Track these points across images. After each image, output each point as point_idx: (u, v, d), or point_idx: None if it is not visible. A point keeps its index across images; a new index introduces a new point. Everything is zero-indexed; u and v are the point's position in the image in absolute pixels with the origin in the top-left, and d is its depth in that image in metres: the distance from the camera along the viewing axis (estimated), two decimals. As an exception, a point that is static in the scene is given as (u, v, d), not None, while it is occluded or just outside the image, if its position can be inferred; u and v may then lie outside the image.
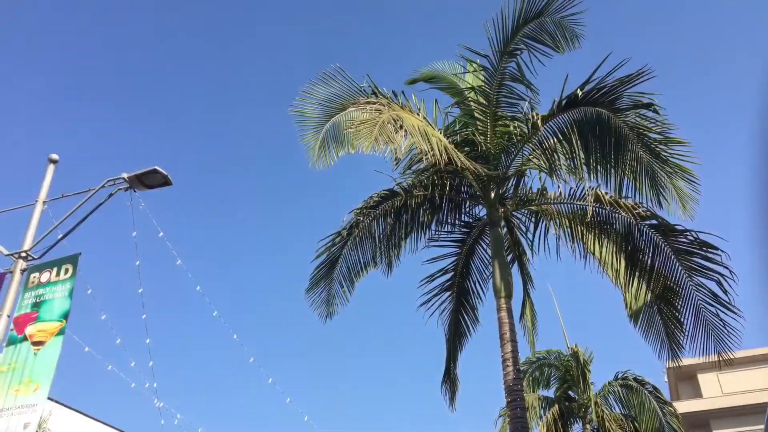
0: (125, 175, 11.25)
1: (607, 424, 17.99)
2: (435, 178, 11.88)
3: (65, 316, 11.90)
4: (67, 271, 12.43)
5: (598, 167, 9.74)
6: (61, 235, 12.33)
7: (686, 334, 10.00)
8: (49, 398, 15.23)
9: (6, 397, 11.44)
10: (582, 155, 9.85)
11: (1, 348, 11.94)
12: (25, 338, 12.00)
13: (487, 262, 12.69)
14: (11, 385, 11.54)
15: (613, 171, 9.54)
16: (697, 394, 34.59)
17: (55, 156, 12.28)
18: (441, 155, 9.42)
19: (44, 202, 12.32)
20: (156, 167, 11.09)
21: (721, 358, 9.45)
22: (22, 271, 12.34)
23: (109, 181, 11.37)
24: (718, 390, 34.12)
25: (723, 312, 9.33)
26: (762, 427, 23.87)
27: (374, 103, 10.35)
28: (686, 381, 36.25)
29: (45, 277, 12.49)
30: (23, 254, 12.15)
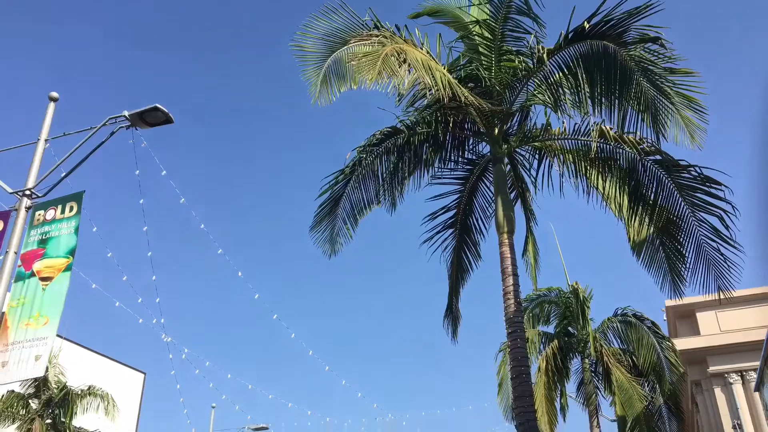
0: (126, 113, 11.21)
1: (605, 358, 18.36)
2: (438, 114, 11.79)
3: (72, 252, 12.04)
4: (71, 208, 12.50)
5: (603, 101, 9.64)
6: (64, 174, 12.35)
7: (687, 268, 10.10)
8: (58, 335, 15.55)
9: (17, 331, 11.68)
10: (587, 89, 9.74)
11: (10, 284, 12.11)
12: (33, 274, 12.17)
13: (489, 199, 12.73)
14: (21, 319, 11.77)
15: (617, 104, 9.45)
16: (695, 332, 35.15)
17: (55, 94, 12.20)
18: (445, 90, 9.32)
19: (46, 141, 12.31)
20: (157, 105, 11.04)
21: (721, 293, 9.56)
22: (27, 209, 12.40)
23: (110, 119, 11.33)
24: (716, 328, 34.66)
25: (724, 247, 9.41)
26: (758, 363, 24.34)
27: (377, 36, 10.18)
28: (685, 319, 36.79)
29: (50, 214, 12.56)
30: (27, 192, 12.20)
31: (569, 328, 19.93)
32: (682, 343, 30.37)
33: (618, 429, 20.35)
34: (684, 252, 10.17)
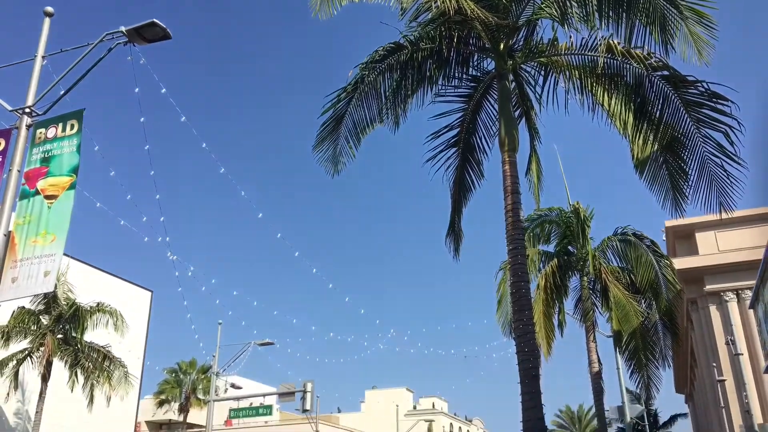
0: (123, 29, 11.00)
1: (603, 276, 18.66)
2: (443, 29, 11.52)
3: (75, 170, 12.06)
4: (72, 126, 12.43)
5: (611, 14, 9.42)
6: (63, 91, 12.23)
7: (690, 185, 10.12)
8: (65, 254, 15.82)
9: (25, 248, 11.86)
10: (595, 1, 9.49)
11: (15, 202, 12.19)
12: (37, 192, 12.24)
13: (494, 117, 12.62)
14: (29, 236, 11.93)
15: (625, 17, 9.24)
16: (693, 252, 35.61)
17: (50, 9, 11.94)
18: (450, 2, 9.08)
19: (43, 57, 12.12)
20: (154, 20, 10.81)
21: (722, 209, 9.61)
22: (28, 126, 12.35)
23: (107, 35, 11.12)
24: (714, 247, 35.07)
25: (727, 163, 9.40)
26: (754, 282, 24.76)
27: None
28: (684, 240, 37.17)
29: (51, 132, 12.51)
30: (27, 110, 12.12)
31: (569, 248, 20.16)
32: (680, 263, 30.81)
33: (613, 344, 20.93)
34: (687, 170, 10.17)
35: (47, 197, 12.17)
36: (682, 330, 32.48)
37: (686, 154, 9.99)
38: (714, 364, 32.14)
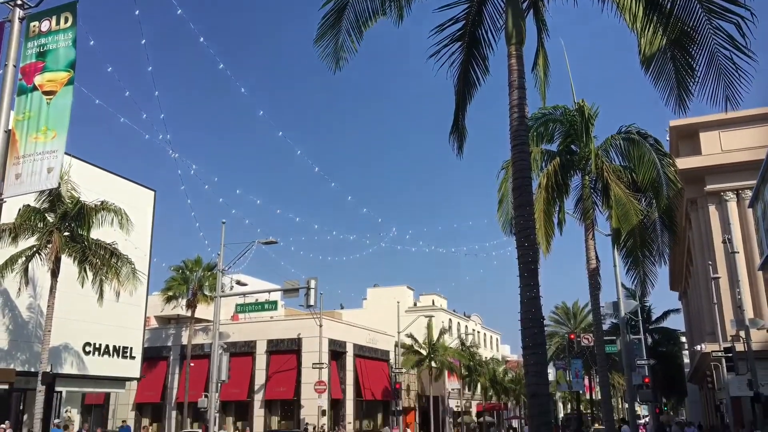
0: None
1: (605, 174, 18.68)
2: None
3: (72, 65, 11.86)
4: (66, 19, 12.11)
5: None
6: (54, -19, 11.83)
7: (696, 81, 9.95)
8: (67, 153, 15.77)
9: (26, 145, 11.84)
10: None
11: (14, 98, 12.05)
12: (35, 88, 12.08)
13: (500, 9, 12.23)
14: (29, 133, 11.88)
15: None
16: (696, 153, 35.59)
17: None
18: None
19: (31, -56, 11.66)
20: None
21: (728, 104, 9.50)
22: (21, 19, 12.06)
23: None
24: (717, 147, 35.00)
25: (737, 56, 9.18)
26: (754, 182, 24.84)
27: None
28: (687, 139, 37.00)
29: (45, 26, 12.21)
30: (18, 1, 11.77)
31: (572, 146, 20.08)
32: (682, 163, 30.84)
33: (612, 242, 21.26)
34: (694, 65, 9.97)
35: (45, 93, 12.03)
36: (680, 229, 32.97)
37: (695, 48, 9.76)
38: (710, 263, 32.88)
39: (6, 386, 26.25)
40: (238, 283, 41.86)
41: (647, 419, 51.85)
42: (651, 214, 19.02)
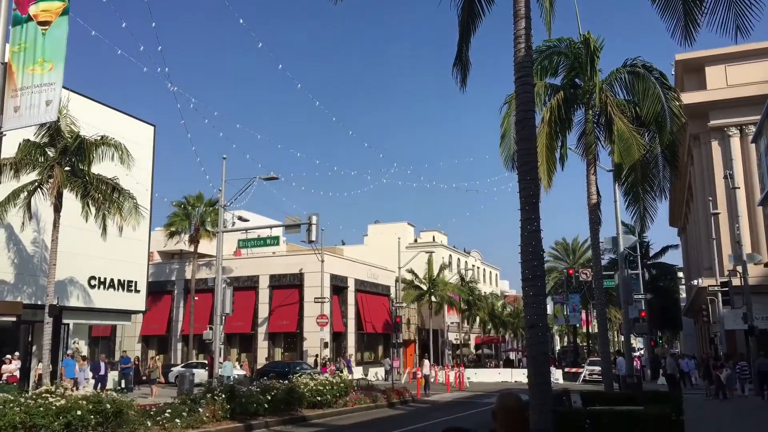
0: None
1: (609, 108, 18.49)
2: None
3: (66, -6, 11.59)
4: (59, -54, 11.75)
5: None
6: None
7: (706, 10, 9.73)
8: (65, 87, 15.54)
9: (23, 77, 11.68)
10: None
11: (9, 29, 11.81)
12: (30, 18, 11.85)
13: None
14: (26, 64, 11.70)
15: None
16: (701, 88, 35.11)
17: None
18: None
19: None
20: None
21: (738, 32, 9.30)
22: (12, -54, 11.69)
23: None
24: (723, 82, 34.51)
25: (749, -17, 8.96)
26: (759, 117, 24.60)
27: None
28: (693, 73, 36.44)
29: (37, -47, 11.87)
30: (9, -73, 11.39)
31: (576, 80, 19.79)
32: (687, 98, 30.46)
33: (613, 177, 21.25)
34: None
35: (40, 23, 11.79)
36: (682, 164, 32.89)
37: (706, -25, 9.51)
38: (710, 198, 32.98)
39: (13, 318, 26.74)
40: (240, 218, 42.04)
41: (642, 352, 53.03)
42: (653, 149, 18.91)
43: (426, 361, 33.48)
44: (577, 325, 63.71)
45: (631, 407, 10.96)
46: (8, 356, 23.53)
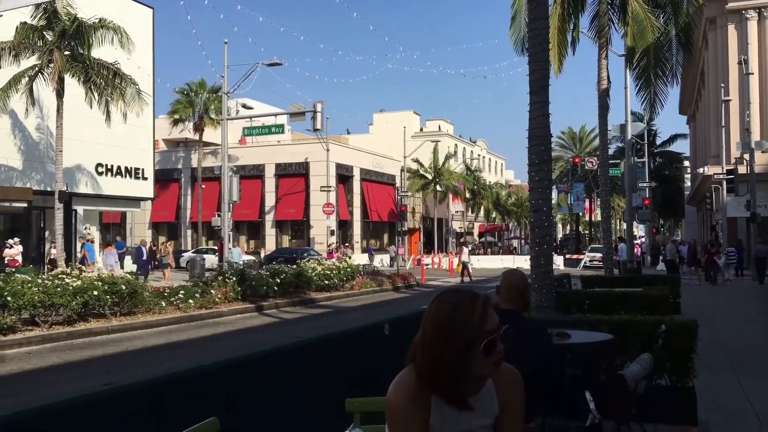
0: None
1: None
2: None
3: None
4: None
5: None
6: None
7: None
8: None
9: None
10: None
11: None
12: None
13: None
14: (17, -61, 11.20)
15: None
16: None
17: None
18: None
19: None
20: None
21: None
22: None
23: None
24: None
25: None
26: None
27: None
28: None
29: None
30: None
31: (591, -42, 18.87)
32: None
33: (625, 61, 20.72)
34: None
35: None
36: (696, 49, 31.94)
37: None
38: (722, 85, 32.31)
39: (24, 204, 27.14)
40: (244, 106, 41.65)
41: (643, 239, 53.90)
42: (668, 32, 18.33)
43: (465, 249, 34.14)
44: (580, 214, 64.39)
45: (630, 288, 11.27)
46: (9, 241, 23.94)
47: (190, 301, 16.94)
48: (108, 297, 14.68)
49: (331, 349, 5.17)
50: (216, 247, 35.88)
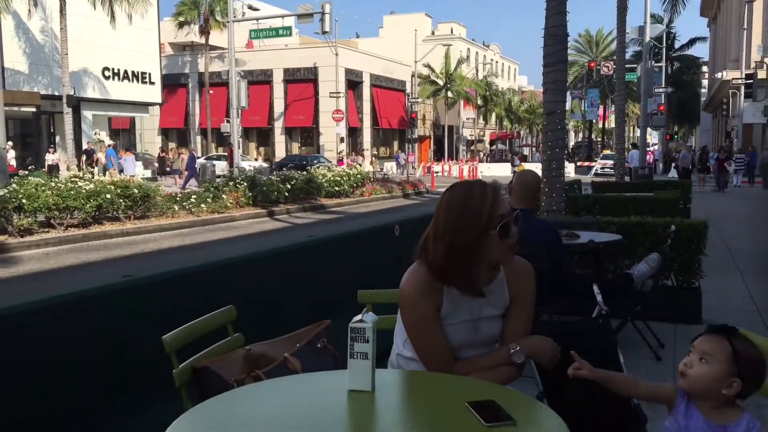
0: None
1: None
2: None
3: None
4: None
5: None
6: None
7: None
8: None
9: None
10: None
11: None
12: None
13: None
14: None
15: None
16: None
17: None
18: None
19: None
20: None
21: None
22: None
23: None
24: None
25: None
26: None
27: None
28: None
29: None
30: None
31: None
32: None
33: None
34: None
35: None
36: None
37: None
38: (748, -16, 30.92)
39: (33, 109, 27.02)
40: (250, 8, 40.53)
41: (656, 146, 53.36)
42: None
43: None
44: (594, 121, 63.53)
45: (641, 193, 11.24)
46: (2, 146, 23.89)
47: (202, 205, 17.12)
48: (121, 201, 14.84)
49: (342, 246, 5.26)
50: (226, 154, 35.87)
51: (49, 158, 25.90)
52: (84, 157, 26.24)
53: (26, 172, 16.68)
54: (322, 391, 2.02)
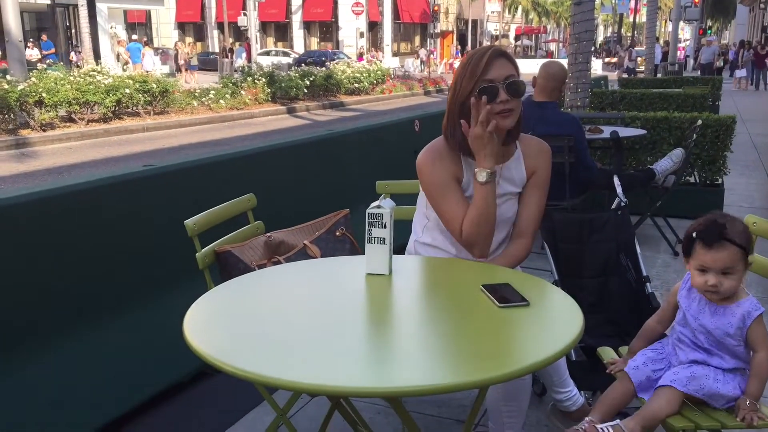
0: None
1: None
2: None
3: None
4: None
5: None
6: None
7: None
8: None
9: None
10: None
11: None
12: None
13: None
14: None
15: None
16: None
17: None
18: None
19: None
20: None
21: None
22: None
23: None
24: None
25: None
26: None
27: None
28: None
29: None
30: None
31: None
32: None
33: None
34: None
35: None
36: None
37: None
38: None
39: (48, 1, 26.51)
40: None
41: (688, 41, 51.30)
42: None
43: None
44: (624, 14, 60.95)
45: (669, 89, 10.93)
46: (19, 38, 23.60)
47: (221, 101, 17.01)
48: (140, 95, 14.77)
49: (362, 139, 5.24)
50: (244, 48, 35.17)
51: (74, 58, 25.70)
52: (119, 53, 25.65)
53: (44, 66, 16.58)
54: (341, 274, 2.07)
